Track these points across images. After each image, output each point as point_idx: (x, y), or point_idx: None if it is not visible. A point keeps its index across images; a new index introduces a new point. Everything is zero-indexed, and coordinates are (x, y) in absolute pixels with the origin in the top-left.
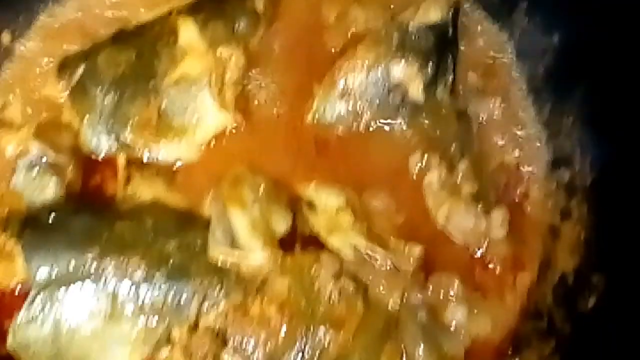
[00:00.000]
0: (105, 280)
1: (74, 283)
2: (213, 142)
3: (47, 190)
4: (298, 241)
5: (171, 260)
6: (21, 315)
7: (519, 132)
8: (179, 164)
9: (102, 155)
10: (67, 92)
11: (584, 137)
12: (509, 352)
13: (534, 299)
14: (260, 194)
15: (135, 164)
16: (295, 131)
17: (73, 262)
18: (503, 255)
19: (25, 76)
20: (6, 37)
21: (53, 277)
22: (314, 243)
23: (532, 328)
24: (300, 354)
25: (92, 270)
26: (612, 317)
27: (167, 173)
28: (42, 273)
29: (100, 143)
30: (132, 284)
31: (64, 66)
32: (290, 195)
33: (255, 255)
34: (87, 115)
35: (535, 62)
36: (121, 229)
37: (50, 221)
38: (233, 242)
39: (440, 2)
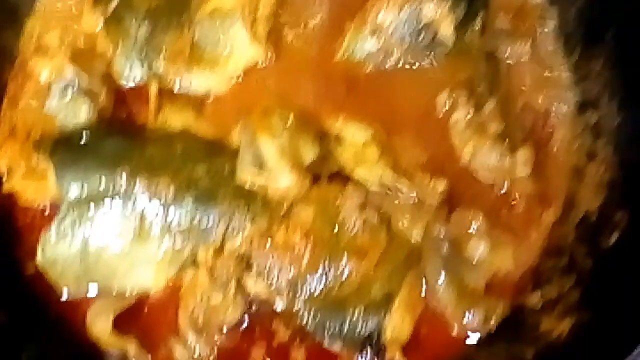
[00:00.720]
0: (135, 200)
1: (103, 202)
2: (243, 75)
3: (80, 114)
4: (324, 175)
5: (199, 184)
6: (51, 232)
7: (547, 74)
8: (209, 95)
9: (134, 83)
10: (102, 22)
11: (611, 81)
12: (529, 288)
13: (556, 237)
14: (289, 124)
15: (166, 93)
16: (325, 67)
17: (103, 181)
18: (527, 193)
19: (63, 5)
20: None
21: (83, 195)
22: (339, 178)
23: (553, 264)
24: (322, 281)
25: (122, 190)
26: (633, 253)
27: (197, 103)
28: (73, 191)
29: (133, 72)
30: (160, 205)
31: None
32: (318, 129)
33: (283, 178)
34: (121, 45)
35: (567, 5)
36: (151, 151)
37: (82, 142)
38: (262, 167)
39: None
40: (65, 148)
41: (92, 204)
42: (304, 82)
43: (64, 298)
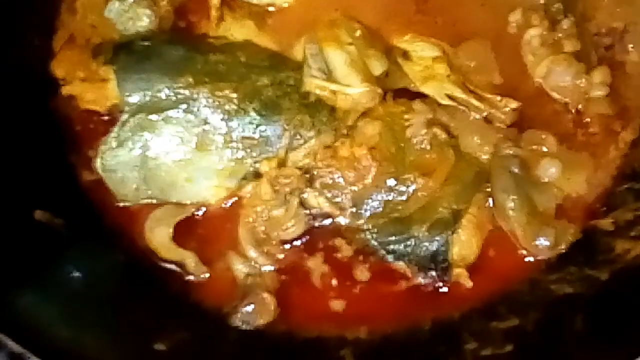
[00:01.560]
0: (197, 109)
1: (165, 110)
2: None
3: (140, 21)
4: (391, 90)
5: (263, 95)
6: (111, 138)
7: None
8: (272, 6)
9: None
10: None
11: None
12: (603, 211)
13: (631, 159)
14: (356, 36)
15: (228, 4)
16: None
17: (166, 89)
18: (602, 114)
19: None
20: None
21: (145, 102)
22: (407, 94)
23: (628, 187)
24: (387, 198)
25: (185, 99)
26: None
27: (259, 15)
28: (134, 98)
29: None
30: (223, 115)
31: None
32: (385, 44)
33: (354, 89)
34: None
35: None
36: (215, 60)
37: (143, 48)
38: (329, 77)
39: None
40: (126, 54)
41: (153, 112)
42: None
43: (121, 205)
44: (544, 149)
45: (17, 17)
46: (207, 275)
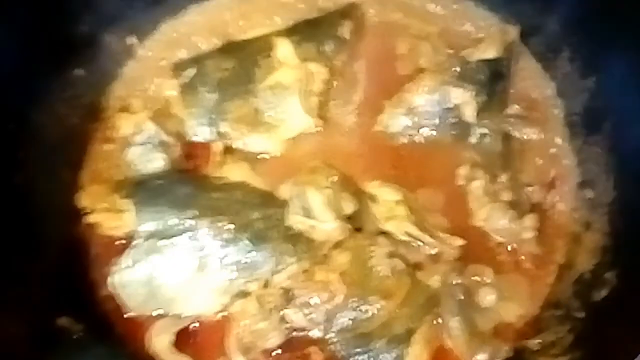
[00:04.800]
0: (199, 237)
1: (172, 237)
2: (295, 139)
3: (156, 162)
4: (359, 228)
5: (255, 227)
6: (124, 260)
7: (554, 155)
8: (264, 154)
9: (201, 141)
10: (179, 89)
11: (608, 164)
12: (530, 334)
13: (555, 291)
14: (332, 182)
15: (228, 149)
16: (364, 138)
17: (174, 220)
18: (532, 253)
19: (144, 73)
20: (132, 40)
21: (156, 230)
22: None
23: (552, 314)
24: (353, 316)
25: (190, 228)
26: (620, 306)
27: (252, 160)
28: (147, 226)
29: (201, 132)
30: (221, 242)
31: (178, 68)
32: (356, 188)
33: (328, 225)
34: (193, 109)
35: (573, 100)
36: (216, 197)
37: (158, 186)
38: (308, 215)
39: (497, 43)
40: (144, 190)
41: (162, 239)
42: (346, 148)
43: (130, 315)
44: (484, 280)
45: (51, 156)
46: None
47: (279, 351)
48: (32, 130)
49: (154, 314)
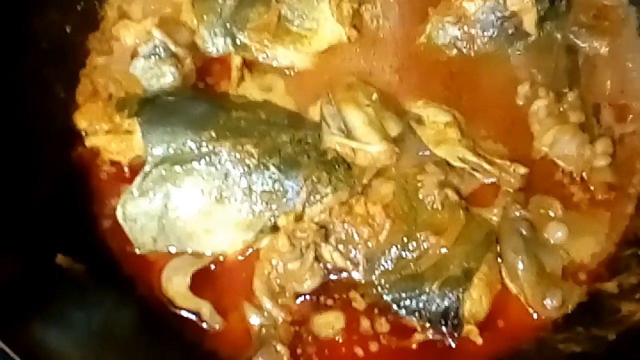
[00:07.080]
0: (219, 162)
1: (188, 162)
2: (326, 52)
3: (165, 78)
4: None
5: (283, 152)
6: (133, 188)
7: (627, 71)
8: (291, 69)
9: (217, 53)
10: None
11: None
12: (607, 275)
13: (634, 226)
14: (373, 99)
15: (249, 65)
16: (406, 51)
17: (189, 142)
18: (605, 182)
19: None
20: None
21: (168, 154)
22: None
23: (631, 253)
24: (400, 255)
25: (207, 152)
26: None
27: (277, 76)
28: (158, 150)
29: (216, 43)
30: (244, 169)
31: None
32: (398, 109)
33: (374, 147)
34: (206, 17)
35: None
36: (237, 116)
37: (168, 103)
38: (348, 135)
39: None
40: (152, 108)
41: (176, 164)
42: (384, 64)
43: (138, 253)
44: (551, 214)
45: (43, 69)
46: (222, 324)
47: (314, 296)
48: (22, 38)
49: (168, 252)
